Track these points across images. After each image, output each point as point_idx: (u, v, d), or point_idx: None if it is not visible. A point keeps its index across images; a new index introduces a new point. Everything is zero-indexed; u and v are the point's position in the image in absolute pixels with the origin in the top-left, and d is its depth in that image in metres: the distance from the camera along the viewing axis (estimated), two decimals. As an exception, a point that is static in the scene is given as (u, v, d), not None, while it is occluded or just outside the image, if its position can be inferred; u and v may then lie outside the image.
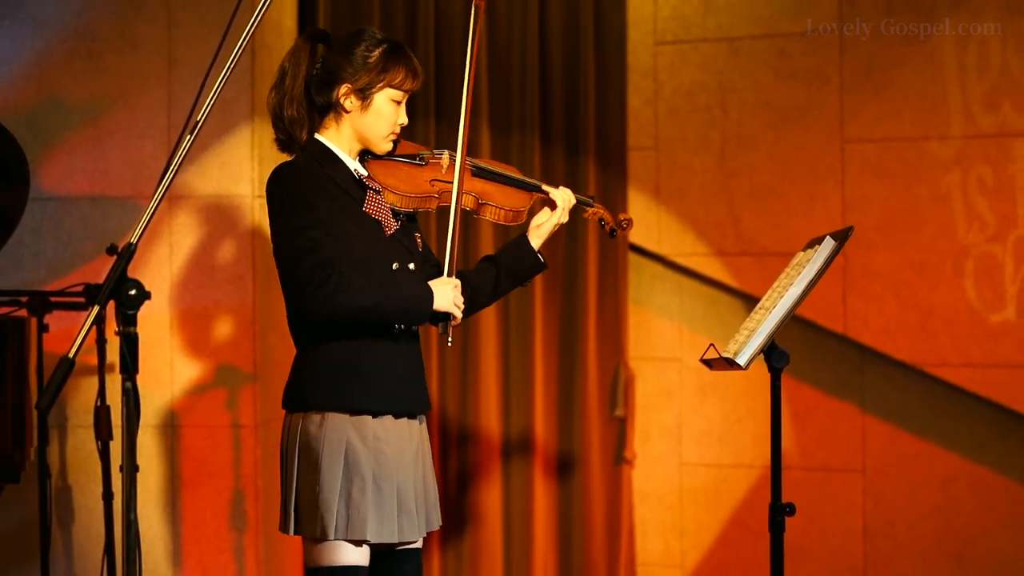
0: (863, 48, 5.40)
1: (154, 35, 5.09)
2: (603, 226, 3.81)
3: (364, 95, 3.49)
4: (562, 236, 5.51)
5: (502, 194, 3.65)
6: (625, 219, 3.83)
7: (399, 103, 3.52)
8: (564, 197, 3.68)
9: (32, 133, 5.04)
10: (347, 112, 3.51)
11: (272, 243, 3.48)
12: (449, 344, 3.56)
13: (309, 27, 3.65)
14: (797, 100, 5.49)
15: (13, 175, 4.57)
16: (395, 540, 3.46)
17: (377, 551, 3.52)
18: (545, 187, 3.70)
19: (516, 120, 5.52)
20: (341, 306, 3.37)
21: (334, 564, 3.44)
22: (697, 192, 5.64)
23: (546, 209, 3.69)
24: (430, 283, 3.48)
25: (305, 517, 3.46)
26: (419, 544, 3.64)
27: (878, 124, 5.39)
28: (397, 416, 3.50)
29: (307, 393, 3.51)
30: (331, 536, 3.41)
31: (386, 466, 3.45)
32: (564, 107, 5.59)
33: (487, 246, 5.43)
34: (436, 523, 3.63)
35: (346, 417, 3.45)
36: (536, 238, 3.66)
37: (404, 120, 3.55)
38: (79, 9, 5.13)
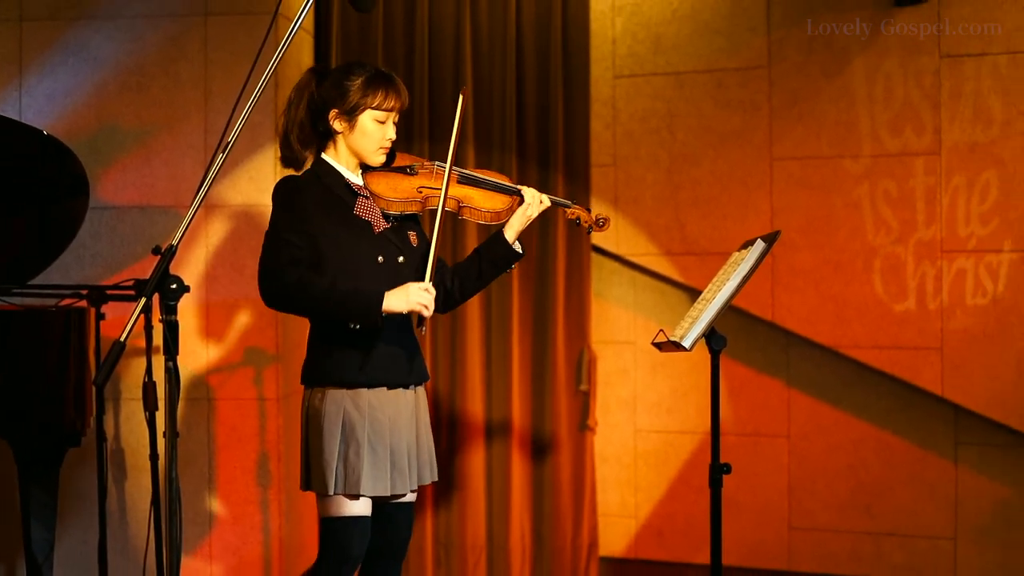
0: (788, 82, 5.39)
1: (193, 72, 5.07)
2: (580, 224, 3.77)
3: (350, 117, 3.49)
4: (535, 238, 5.50)
5: (483, 197, 3.64)
6: (602, 218, 3.78)
7: (383, 122, 3.51)
8: (531, 196, 3.63)
9: (91, 153, 5.02)
10: (339, 132, 3.52)
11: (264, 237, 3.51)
12: (422, 332, 3.50)
13: (313, 65, 3.66)
14: (733, 125, 5.49)
15: (76, 188, 4.54)
16: (388, 493, 3.48)
17: (376, 502, 3.53)
18: (520, 188, 3.67)
19: (497, 142, 5.50)
20: (293, 299, 3.43)
21: (338, 514, 3.46)
22: (649, 202, 5.63)
23: (519, 206, 3.65)
24: (390, 292, 3.39)
25: (314, 476, 3.49)
26: (412, 498, 3.65)
27: (801, 145, 5.38)
28: (390, 387, 3.51)
29: (312, 371, 3.53)
30: (330, 491, 3.43)
31: (380, 431, 3.46)
32: (537, 131, 5.57)
33: (473, 241, 5.42)
34: (429, 478, 3.64)
35: (344, 391, 3.45)
36: (509, 230, 3.64)
37: (391, 136, 3.54)
38: (131, 49, 5.10)
